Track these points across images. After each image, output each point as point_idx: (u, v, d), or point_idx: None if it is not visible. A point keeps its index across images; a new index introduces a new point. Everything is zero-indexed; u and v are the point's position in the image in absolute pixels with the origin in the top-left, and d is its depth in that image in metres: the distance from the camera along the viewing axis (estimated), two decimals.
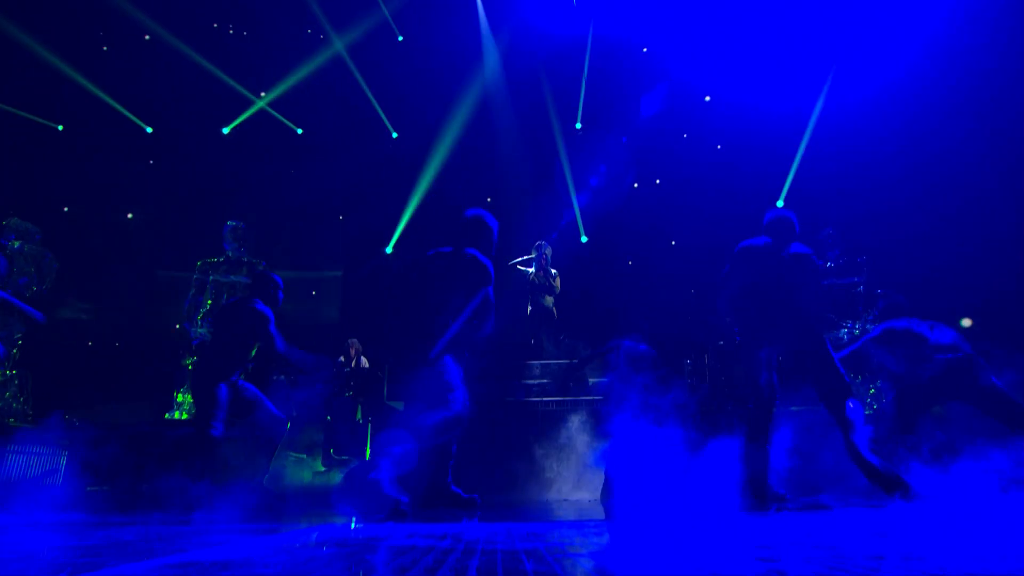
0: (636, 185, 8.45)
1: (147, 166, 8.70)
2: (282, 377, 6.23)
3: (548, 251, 5.70)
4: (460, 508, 2.87)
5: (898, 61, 6.05)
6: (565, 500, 3.89)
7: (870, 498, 2.88)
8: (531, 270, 5.77)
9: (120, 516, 2.50)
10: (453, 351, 2.87)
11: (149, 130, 8.18)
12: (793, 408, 4.23)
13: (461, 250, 2.92)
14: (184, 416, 3.93)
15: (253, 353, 3.20)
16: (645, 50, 8.28)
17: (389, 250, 8.83)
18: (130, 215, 8.56)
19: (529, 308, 5.72)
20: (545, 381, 4.89)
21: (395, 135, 8.94)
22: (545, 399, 4.61)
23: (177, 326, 4.67)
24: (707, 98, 8.23)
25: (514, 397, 4.59)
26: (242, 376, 3.26)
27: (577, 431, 4.35)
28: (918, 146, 5.78)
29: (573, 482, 4.28)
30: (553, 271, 5.73)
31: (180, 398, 4.06)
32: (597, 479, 4.17)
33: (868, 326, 4.07)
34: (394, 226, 8.58)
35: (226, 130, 8.36)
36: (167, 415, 4.00)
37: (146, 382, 5.56)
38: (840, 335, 4.14)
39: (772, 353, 3.04)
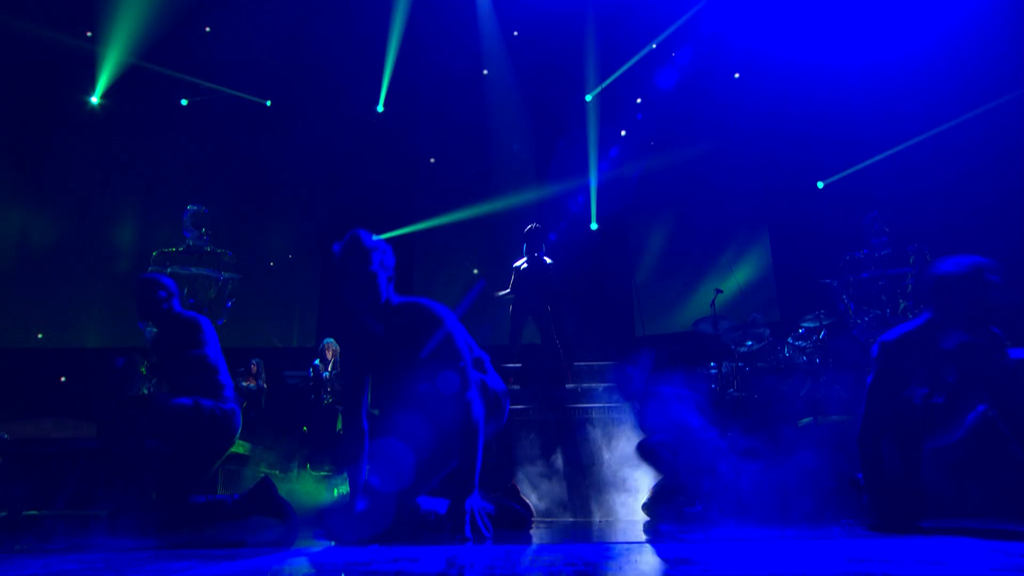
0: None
1: (93, 144, 8.60)
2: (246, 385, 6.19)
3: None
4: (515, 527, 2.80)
5: (958, 6, 5.83)
6: (574, 520, 3.86)
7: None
8: (522, 259, 5.57)
9: (63, 542, 2.46)
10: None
11: (96, 101, 8.08)
12: (834, 418, 4.19)
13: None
14: None
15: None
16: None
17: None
18: (75, 199, 8.49)
19: (510, 307, 5.50)
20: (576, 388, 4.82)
21: (380, 108, 8.89)
22: (521, 406, 4.57)
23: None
24: (736, 75, 8.13)
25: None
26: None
27: (584, 444, 4.32)
28: (983, 108, 5.57)
29: (581, 501, 4.25)
30: (548, 260, 5.50)
31: None
32: (605, 497, 4.15)
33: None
34: (379, 211, 8.51)
35: (185, 101, 8.28)
36: None
37: (93, 390, 5.50)
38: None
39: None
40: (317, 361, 6.17)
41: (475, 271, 8.76)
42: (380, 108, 8.93)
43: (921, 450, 2.73)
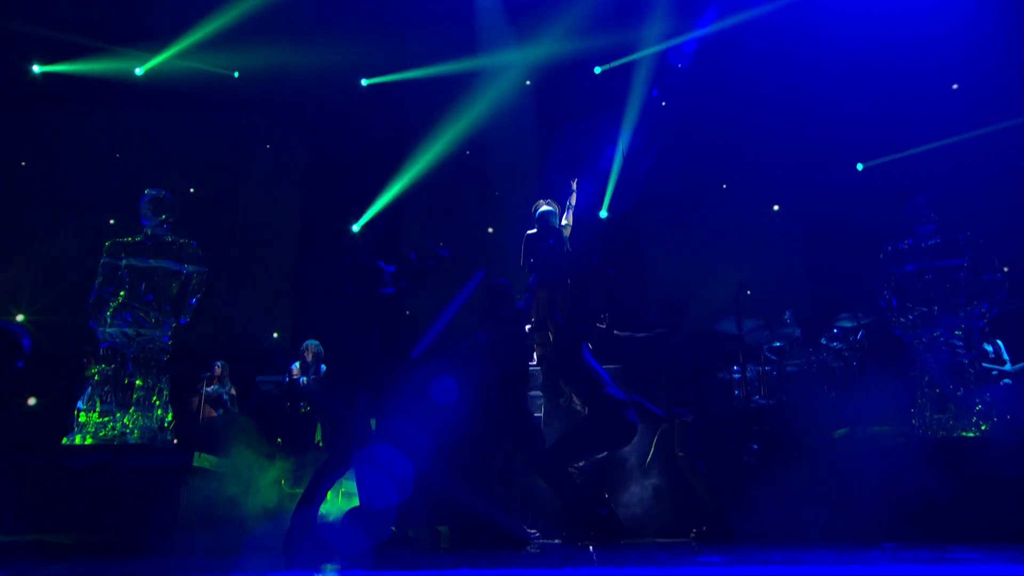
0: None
1: (34, 117, 8.47)
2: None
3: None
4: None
5: None
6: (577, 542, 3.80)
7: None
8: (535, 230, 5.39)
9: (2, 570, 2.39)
10: (450, 351, 2.95)
11: (37, 70, 7.94)
12: (874, 429, 4.13)
13: None
14: (88, 440, 3.81)
15: None
16: None
17: (357, 227, 8.69)
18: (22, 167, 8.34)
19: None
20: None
21: (365, 82, 8.80)
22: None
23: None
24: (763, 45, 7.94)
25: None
26: None
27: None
28: None
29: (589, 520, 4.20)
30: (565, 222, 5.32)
31: (83, 418, 3.94)
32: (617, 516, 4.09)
33: (978, 322, 3.95)
34: (361, 193, 8.42)
35: (141, 71, 8.14)
36: (66, 440, 3.90)
37: (38, 397, 5.43)
38: (935, 335, 4.02)
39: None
40: (296, 365, 6.11)
41: (490, 230, 8.66)
42: (365, 82, 8.82)
43: None
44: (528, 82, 8.91)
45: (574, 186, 5.52)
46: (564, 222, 5.39)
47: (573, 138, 8.44)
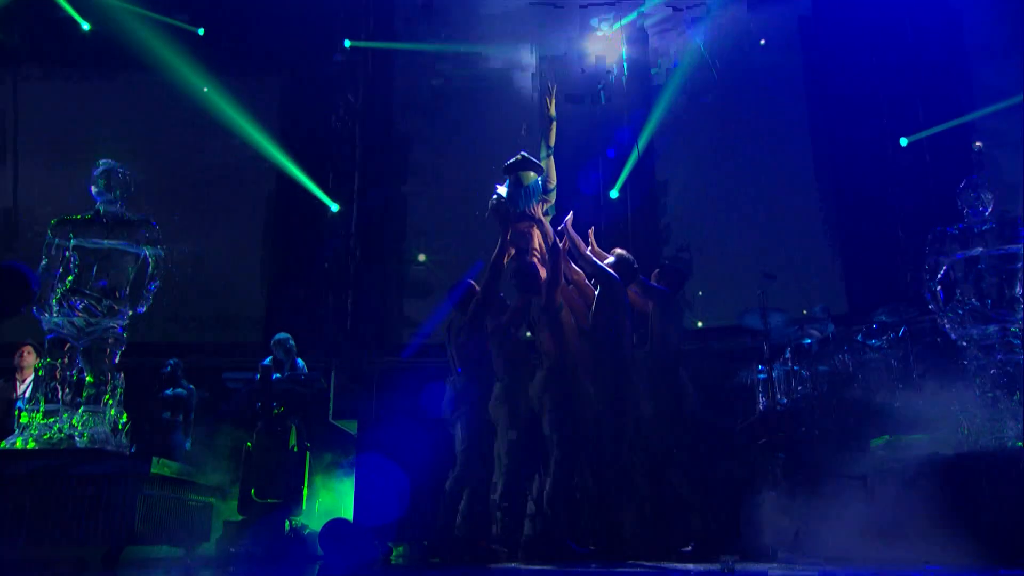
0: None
1: None
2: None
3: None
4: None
5: None
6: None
7: None
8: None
9: None
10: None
11: None
12: (916, 438, 4.10)
13: None
14: (31, 444, 3.76)
15: None
16: None
17: (335, 208, 8.63)
18: None
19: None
20: None
21: (348, 43, 8.70)
22: None
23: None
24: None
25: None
26: None
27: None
28: None
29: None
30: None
31: (25, 418, 3.88)
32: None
33: None
34: (341, 169, 8.36)
35: (86, 25, 7.99)
36: (4, 443, 3.84)
37: None
38: (988, 332, 3.97)
39: None
40: (268, 360, 6.07)
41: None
42: (348, 43, 8.73)
43: None
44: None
45: (552, 110, 4.75)
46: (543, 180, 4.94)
47: (577, 117, 8.38)
